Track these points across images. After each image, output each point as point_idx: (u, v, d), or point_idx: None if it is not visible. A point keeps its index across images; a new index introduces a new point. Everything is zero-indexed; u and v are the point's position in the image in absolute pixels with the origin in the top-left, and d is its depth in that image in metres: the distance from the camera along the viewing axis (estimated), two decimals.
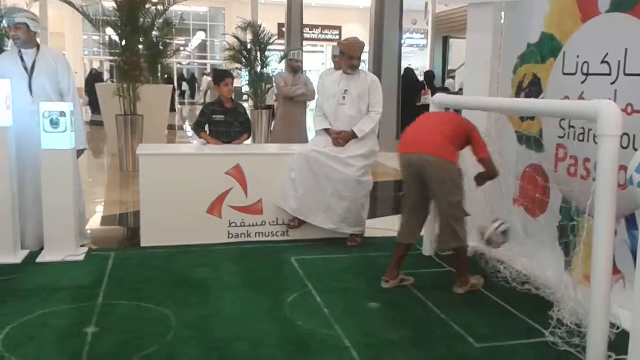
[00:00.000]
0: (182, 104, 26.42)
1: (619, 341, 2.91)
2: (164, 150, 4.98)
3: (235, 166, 4.63)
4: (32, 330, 3.06)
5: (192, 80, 30.80)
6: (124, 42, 8.42)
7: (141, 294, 3.60)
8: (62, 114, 4.05)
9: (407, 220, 3.85)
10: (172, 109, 20.81)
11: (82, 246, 4.45)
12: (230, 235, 4.70)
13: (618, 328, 3.05)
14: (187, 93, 30.17)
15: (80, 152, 4.46)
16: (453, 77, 21.16)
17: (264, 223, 4.77)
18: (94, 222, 5.53)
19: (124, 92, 8.28)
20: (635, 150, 3.25)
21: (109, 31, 9.29)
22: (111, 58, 8.86)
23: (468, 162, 4.03)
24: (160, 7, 8.99)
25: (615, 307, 3.10)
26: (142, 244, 4.54)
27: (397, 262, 3.84)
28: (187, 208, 4.55)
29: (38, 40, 4.46)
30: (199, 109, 21.51)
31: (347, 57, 4.68)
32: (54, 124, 4.05)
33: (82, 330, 3.08)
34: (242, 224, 4.71)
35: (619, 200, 2.76)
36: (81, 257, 4.23)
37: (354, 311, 3.42)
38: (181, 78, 30.70)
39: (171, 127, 15.79)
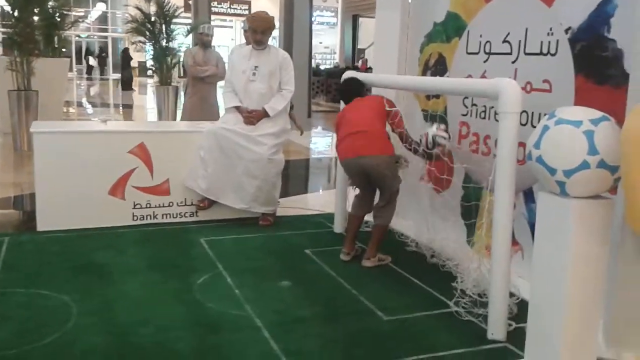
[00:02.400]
0: (89, 79, 24.90)
1: (518, 310, 3.07)
2: (61, 127, 4.67)
3: (138, 144, 4.43)
4: None
5: (102, 56, 28.73)
6: (16, 13, 7.81)
7: (38, 281, 3.38)
8: None
9: (360, 196, 4.04)
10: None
11: None
12: (135, 217, 4.51)
13: (518, 298, 3.21)
14: (97, 69, 28.26)
15: None
16: (362, 58, 21.43)
17: (171, 204, 4.61)
18: None
19: (16, 65, 7.71)
20: (534, 127, 3.38)
21: (1, 2, 8.60)
22: (3, 30, 8.16)
23: None
24: None
25: (514, 277, 3.26)
26: (39, 228, 4.27)
27: (352, 235, 4.01)
28: (87, 189, 4.31)
29: None
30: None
31: (252, 31, 4.58)
32: None
33: None
34: (148, 205, 4.53)
35: (517, 175, 2.88)
36: None
37: (265, 290, 3.39)
38: (88, 52, 28.82)
39: (71, 104, 15.02)
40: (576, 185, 2.30)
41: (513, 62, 3.59)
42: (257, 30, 4.55)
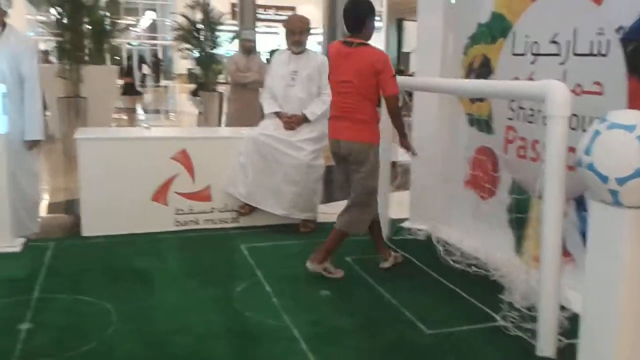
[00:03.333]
0: (142, 87, 25.34)
1: (570, 325, 2.91)
2: (105, 134, 4.74)
3: (181, 150, 4.45)
4: None
5: (157, 62, 28.68)
6: (65, 21, 8.03)
7: (80, 287, 3.42)
8: None
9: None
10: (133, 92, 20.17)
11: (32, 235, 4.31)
12: (177, 223, 4.53)
13: (569, 311, 3.05)
14: (151, 77, 28.30)
15: (34, 143, 4.19)
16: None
17: (212, 210, 4.61)
18: None
19: (66, 73, 7.92)
20: (584, 131, 3.23)
21: (54, 11, 8.86)
22: (54, 38, 8.42)
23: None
24: None
25: (566, 290, 3.10)
26: (83, 234, 4.33)
27: (377, 241, 3.89)
28: (131, 195, 4.36)
29: (7, 20, 4.12)
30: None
31: (290, 32, 4.54)
32: None
33: (15, 326, 2.89)
34: (190, 211, 4.55)
35: (567, 182, 2.74)
36: (17, 248, 4.01)
37: (304, 300, 3.34)
38: (141, 60, 29.15)
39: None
40: (630, 193, 2.16)
41: (561, 64, 3.44)
42: (295, 32, 4.52)
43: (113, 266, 3.78)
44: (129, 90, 21.37)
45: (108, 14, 11.12)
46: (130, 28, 25.06)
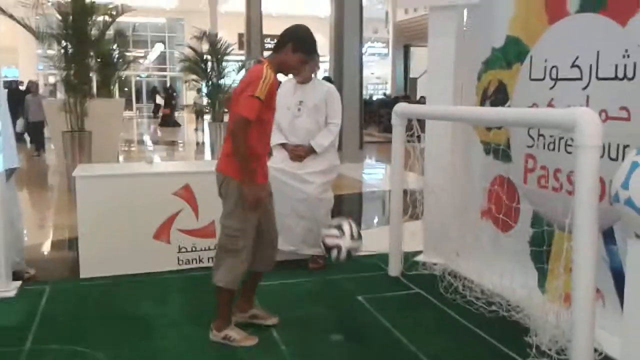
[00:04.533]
0: (156, 118, 25.26)
1: None
2: (104, 170, 4.55)
3: (183, 186, 4.26)
4: None
5: (170, 93, 28.44)
6: (68, 55, 7.96)
7: (75, 335, 3.20)
8: None
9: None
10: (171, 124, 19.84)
11: (26, 274, 4.14)
12: (180, 262, 4.31)
13: (601, 353, 2.81)
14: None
15: (10, 172, 4.00)
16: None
17: (216, 247, 4.39)
18: (35, 250, 5.05)
19: (70, 107, 7.82)
20: (611, 159, 3.02)
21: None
22: (60, 72, 8.36)
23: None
24: (108, 18, 8.58)
25: (596, 330, 2.85)
26: (82, 275, 4.12)
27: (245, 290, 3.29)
28: (131, 234, 4.16)
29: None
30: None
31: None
32: None
33: None
34: (193, 249, 4.34)
35: None
36: (12, 293, 3.80)
37: (314, 346, 3.10)
38: (154, 90, 29.03)
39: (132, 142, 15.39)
40: None
41: (584, 89, 3.24)
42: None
43: (111, 311, 3.56)
44: (167, 121, 21.42)
45: (116, 46, 11.14)
46: (139, 60, 25.32)
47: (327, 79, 9.49)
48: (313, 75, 4.44)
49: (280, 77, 3.28)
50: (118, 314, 3.52)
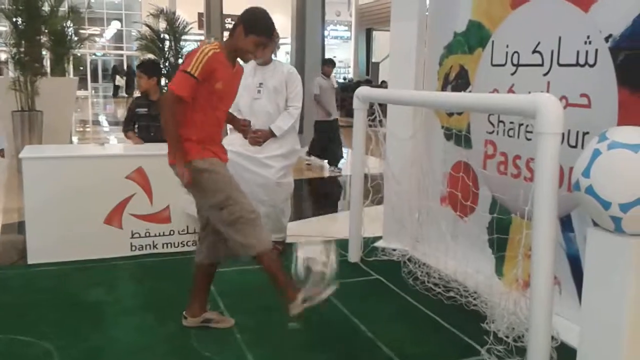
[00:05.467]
0: (115, 97, 24.56)
1: (559, 356, 2.67)
2: (52, 152, 4.36)
3: (137, 169, 4.11)
4: None
5: (130, 73, 27.60)
6: (18, 31, 7.62)
7: (21, 325, 3.05)
8: None
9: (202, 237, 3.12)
10: None
11: None
12: (134, 248, 4.17)
13: (557, 341, 2.81)
14: (124, 89, 27.41)
15: None
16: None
17: (172, 232, 4.27)
18: None
19: (20, 85, 7.49)
20: (570, 146, 3.02)
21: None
22: (10, 50, 7.99)
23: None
24: None
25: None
26: (29, 261, 3.95)
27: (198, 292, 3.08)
28: (81, 218, 3.99)
29: None
30: None
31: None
32: None
33: None
34: (147, 234, 4.20)
35: None
36: None
37: (271, 334, 3.03)
38: (114, 71, 28.26)
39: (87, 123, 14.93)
40: (635, 221, 1.93)
41: (545, 75, 3.22)
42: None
43: (59, 299, 3.41)
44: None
45: (70, 23, 10.71)
46: (95, 38, 24.52)
47: (328, 60, 9.43)
48: (273, 57, 4.32)
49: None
50: (67, 302, 3.38)
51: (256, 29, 2.85)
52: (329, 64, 9.14)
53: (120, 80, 27.42)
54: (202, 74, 2.69)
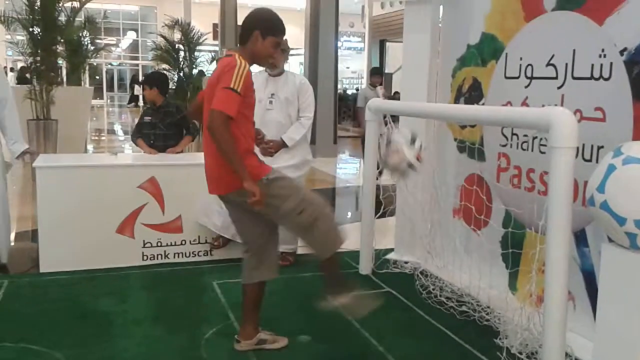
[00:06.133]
0: (136, 107, 24.79)
1: None
2: (66, 161, 4.39)
3: (149, 179, 4.12)
4: None
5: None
6: (35, 40, 7.71)
7: (31, 334, 3.05)
8: None
9: None
10: None
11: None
12: (145, 257, 4.18)
13: (571, 357, 2.77)
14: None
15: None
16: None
17: (183, 242, 4.27)
18: None
19: (35, 94, 7.57)
20: (585, 160, 2.99)
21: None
22: (27, 59, 8.10)
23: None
24: (76, 4, 8.33)
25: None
26: (42, 270, 3.97)
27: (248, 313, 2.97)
28: (94, 227, 4.01)
29: None
30: None
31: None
32: None
33: None
34: (159, 244, 4.21)
35: None
36: None
37: (282, 347, 3.00)
38: (133, 80, 28.52)
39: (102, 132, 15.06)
40: None
41: (559, 88, 3.20)
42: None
43: (70, 308, 3.42)
44: None
45: (86, 33, 10.83)
46: (111, 48, 24.83)
47: (375, 69, 8.89)
48: (285, 68, 4.34)
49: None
50: (78, 311, 3.39)
51: (273, 30, 2.73)
52: (377, 74, 8.46)
53: (139, 90, 27.71)
54: (243, 89, 2.57)
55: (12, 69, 21.05)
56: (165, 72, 10.68)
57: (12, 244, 4.87)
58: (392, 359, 2.89)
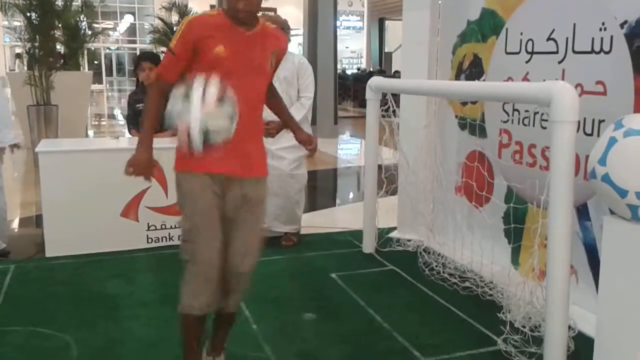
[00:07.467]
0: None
1: (576, 346, 2.66)
2: (68, 146, 4.39)
3: None
4: None
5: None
6: (33, 26, 7.68)
7: (40, 317, 3.09)
8: None
9: None
10: None
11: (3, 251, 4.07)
12: (150, 240, 4.21)
13: (574, 330, 2.81)
14: None
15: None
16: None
17: None
18: None
19: (35, 80, 7.56)
20: (586, 134, 2.99)
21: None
22: (23, 44, 8.07)
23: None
24: None
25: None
26: (47, 254, 4.00)
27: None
28: (98, 211, 4.03)
29: None
30: None
31: None
32: None
33: None
34: (163, 227, 4.23)
35: None
36: None
37: (287, 325, 3.04)
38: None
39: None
40: None
41: (560, 62, 3.19)
42: None
43: (77, 292, 3.45)
44: None
45: (83, 17, 10.77)
46: (109, 32, 24.70)
47: None
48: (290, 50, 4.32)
49: None
50: (85, 293, 3.42)
51: None
52: None
53: None
54: (181, 48, 2.17)
55: (18, 55, 20.88)
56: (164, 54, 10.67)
57: (16, 230, 4.92)
58: (397, 335, 2.92)
